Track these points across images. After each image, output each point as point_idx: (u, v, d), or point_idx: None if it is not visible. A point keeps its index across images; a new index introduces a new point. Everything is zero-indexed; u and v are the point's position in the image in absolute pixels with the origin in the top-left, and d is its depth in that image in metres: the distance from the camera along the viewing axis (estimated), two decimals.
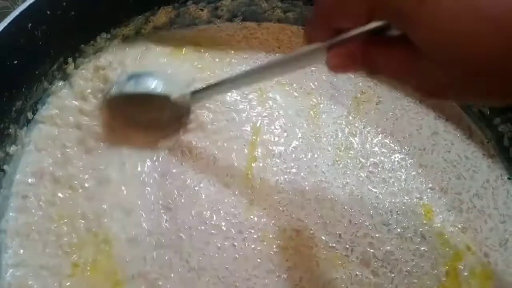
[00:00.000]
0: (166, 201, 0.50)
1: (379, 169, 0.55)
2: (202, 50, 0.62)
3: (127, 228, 0.48)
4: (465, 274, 0.48)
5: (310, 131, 0.57)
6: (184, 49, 0.62)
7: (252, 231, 0.49)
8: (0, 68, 0.46)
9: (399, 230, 0.50)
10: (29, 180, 0.50)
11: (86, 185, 0.50)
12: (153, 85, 0.50)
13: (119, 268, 0.45)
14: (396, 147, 0.57)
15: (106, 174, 0.51)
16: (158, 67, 0.58)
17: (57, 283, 0.44)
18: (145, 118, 0.53)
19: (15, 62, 0.47)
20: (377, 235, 0.50)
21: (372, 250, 0.49)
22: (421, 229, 0.51)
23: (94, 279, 0.45)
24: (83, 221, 0.48)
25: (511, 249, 0.51)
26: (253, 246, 0.48)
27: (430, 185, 0.54)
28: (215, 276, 0.46)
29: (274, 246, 0.48)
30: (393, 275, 0.48)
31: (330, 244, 0.49)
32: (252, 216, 0.50)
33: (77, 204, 0.49)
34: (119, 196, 0.49)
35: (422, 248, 0.50)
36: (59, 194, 0.49)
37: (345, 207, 0.51)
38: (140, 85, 0.51)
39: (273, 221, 0.50)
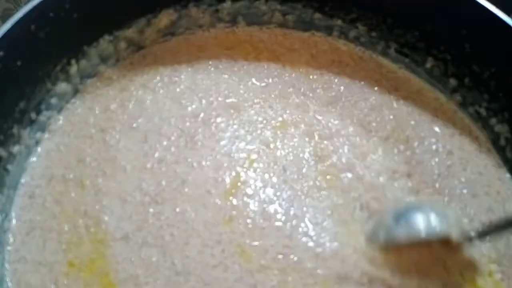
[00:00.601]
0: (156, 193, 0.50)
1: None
2: None
3: (121, 223, 0.48)
4: None
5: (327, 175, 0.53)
6: None
7: (231, 245, 0.47)
8: (3, 68, 0.46)
9: None
10: (37, 182, 0.51)
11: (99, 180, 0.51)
12: (427, 224, 0.45)
13: (112, 269, 0.46)
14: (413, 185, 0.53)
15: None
16: None
17: (54, 280, 0.45)
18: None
19: (18, 63, 0.48)
20: (378, 265, 0.47)
21: (365, 279, 0.46)
22: None
23: (88, 279, 0.45)
24: (83, 220, 0.48)
25: None
26: (232, 259, 0.47)
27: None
28: (201, 281, 0.45)
29: (257, 265, 0.46)
30: None
31: (319, 272, 0.46)
32: (229, 230, 0.48)
33: (81, 202, 0.49)
34: (122, 185, 0.50)
35: None
36: (67, 193, 0.50)
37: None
38: (412, 227, 0.46)
39: (254, 242, 0.48)
